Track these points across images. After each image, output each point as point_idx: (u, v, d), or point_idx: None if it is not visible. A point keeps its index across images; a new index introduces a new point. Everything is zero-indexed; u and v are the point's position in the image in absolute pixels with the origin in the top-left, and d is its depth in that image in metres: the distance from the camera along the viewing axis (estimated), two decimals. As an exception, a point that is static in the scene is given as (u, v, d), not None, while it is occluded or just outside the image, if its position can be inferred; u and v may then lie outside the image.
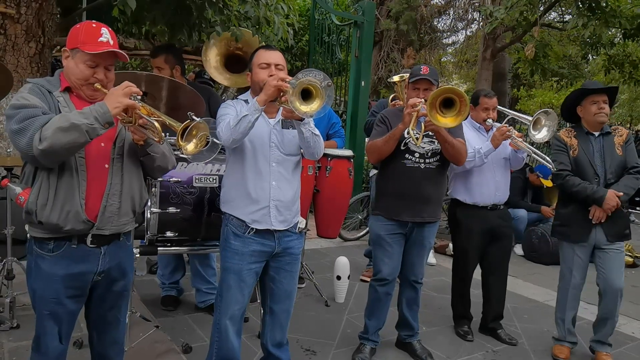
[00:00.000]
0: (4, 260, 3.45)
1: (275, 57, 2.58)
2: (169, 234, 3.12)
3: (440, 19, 14.68)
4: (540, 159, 3.56)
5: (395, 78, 4.73)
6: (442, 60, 18.36)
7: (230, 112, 2.54)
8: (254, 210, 2.56)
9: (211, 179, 3.15)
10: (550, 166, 3.52)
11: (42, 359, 2.14)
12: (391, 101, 4.82)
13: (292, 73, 2.48)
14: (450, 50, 18.18)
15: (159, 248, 3.17)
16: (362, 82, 7.45)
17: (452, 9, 13.86)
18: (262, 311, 2.88)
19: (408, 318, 3.48)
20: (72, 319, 2.16)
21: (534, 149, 3.62)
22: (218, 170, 3.18)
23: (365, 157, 7.42)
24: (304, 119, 2.42)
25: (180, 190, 3.09)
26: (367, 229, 6.60)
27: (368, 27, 7.49)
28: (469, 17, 13.51)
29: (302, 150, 2.66)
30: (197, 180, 3.12)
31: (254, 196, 2.56)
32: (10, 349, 3.15)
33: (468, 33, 14.83)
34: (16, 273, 3.51)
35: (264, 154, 2.56)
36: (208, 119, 1.99)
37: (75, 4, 6.19)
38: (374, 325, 3.40)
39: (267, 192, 2.56)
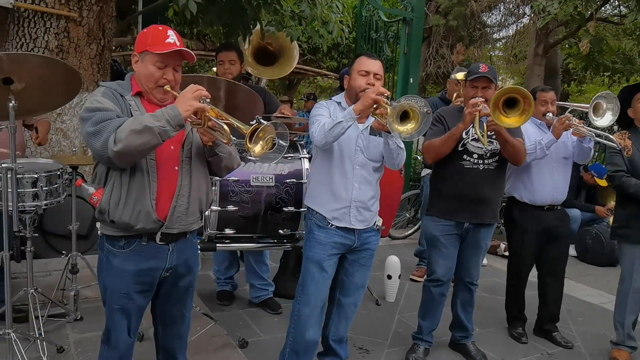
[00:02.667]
0: (69, 255, 3.60)
1: (376, 66, 2.67)
2: (227, 231, 3.20)
3: (490, 14, 14.38)
4: (605, 141, 3.44)
5: (459, 75, 4.65)
6: (490, 55, 17.99)
7: (324, 113, 2.66)
8: (336, 208, 2.68)
9: (267, 178, 3.21)
10: (615, 144, 3.38)
11: (111, 352, 2.23)
12: (454, 100, 4.73)
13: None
14: (499, 45, 17.80)
15: (217, 245, 3.25)
16: (411, 79, 7.38)
17: (502, 3, 13.55)
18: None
19: (462, 319, 3.45)
20: (140, 314, 2.25)
21: (598, 132, 3.50)
22: (274, 169, 3.23)
23: (414, 155, 7.38)
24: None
25: (239, 189, 3.16)
26: (415, 227, 6.56)
27: (417, 24, 7.40)
28: (520, 11, 13.18)
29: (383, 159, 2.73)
30: (254, 180, 3.19)
31: (337, 195, 2.68)
32: (75, 340, 3.29)
33: (518, 27, 14.48)
34: (80, 267, 3.65)
35: (349, 157, 2.67)
36: (275, 123, 2.03)
37: (130, 5, 6.38)
38: (427, 326, 3.39)
39: (349, 193, 2.67)
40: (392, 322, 3.96)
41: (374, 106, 2.45)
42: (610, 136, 3.45)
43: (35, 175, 2.93)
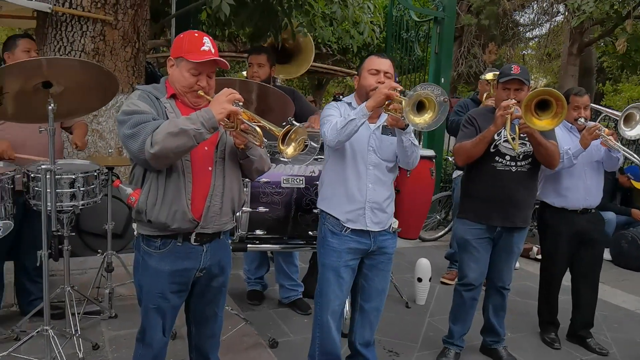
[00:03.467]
0: (105, 253, 3.68)
1: (386, 65, 2.65)
2: (258, 232, 3.23)
3: (522, 13, 14.12)
4: (632, 158, 3.37)
5: (489, 76, 4.60)
6: (523, 54, 17.68)
7: (334, 114, 2.64)
8: (350, 210, 2.64)
9: (298, 180, 3.22)
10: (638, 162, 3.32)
11: (146, 350, 2.28)
12: (485, 100, 4.67)
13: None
14: (531, 44, 17.47)
15: (248, 245, 3.28)
16: (442, 79, 7.32)
17: (535, 2, 13.30)
18: (349, 309, 2.93)
19: (494, 324, 3.40)
20: (175, 313, 2.29)
21: (625, 149, 3.42)
22: (305, 170, 3.25)
23: (444, 156, 7.31)
24: (406, 127, 2.45)
25: (269, 191, 3.18)
26: (446, 229, 6.50)
27: (448, 23, 7.34)
28: (554, 9, 12.91)
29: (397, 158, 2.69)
30: (284, 181, 3.20)
31: (351, 196, 2.64)
32: (110, 338, 3.37)
33: (551, 26, 14.18)
34: (114, 266, 3.73)
35: (362, 157, 2.64)
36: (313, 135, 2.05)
37: (163, 7, 6.49)
38: (458, 330, 3.36)
39: (363, 194, 2.64)
40: (423, 326, 3.93)
41: (387, 102, 2.42)
42: (637, 158, 3.37)
43: (73, 176, 3.01)
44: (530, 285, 4.82)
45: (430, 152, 4.41)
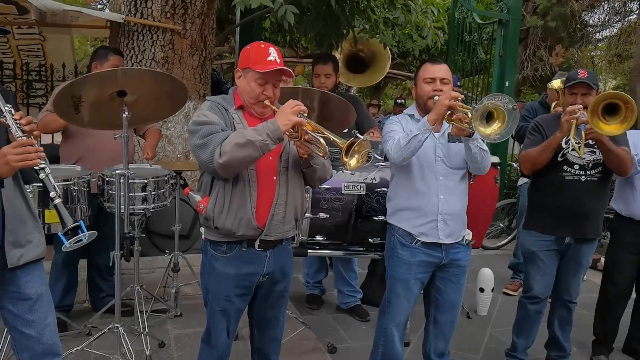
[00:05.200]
0: (172, 254, 3.83)
1: (442, 71, 2.60)
2: (318, 237, 3.26)
3: (592, 13, 13.51)
4: None
5: (556, 84, 4.45)
6: (592, 55, 16.92)
7: (397, 129, 2.61)
8: (422, 223, 2.60)
9: (359, 187, 3.23)
10: None
11: (211, 352, 2.37)
12: (553, 108, 4.52)
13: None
14: (601, 45, 16.69)
15: (308, 251, 3.32)
16: (507, 82, 7.14)
17: (606, 1, 12.69)
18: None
19: (559, 338, 3.29)
20: (239, 316, 2.37)
21: None
22: (365, 178, 3.25)
23: (509, 162, 7.12)
24: (472, 135, 2.41)
25: (330, 197, 3.21)
26: (509, 237, 6.33)
27: (513, 25, 7.15)
28: (626, 9, 12.28)
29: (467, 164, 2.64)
30: (345, 188, 3.22)
31: (422, 210, 2.60)
32: (175, 336, 3.49)
33: (623, 25, 13.49)
34: (180, 266, 3.87)
35: (430, 168, 2.59)
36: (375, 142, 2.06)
37: (228, 15, 6.67)
38: (522, 344, 3.27)
39: (434, 206, 2.59)
40: (484, 337, 3.85)
41: (449, 112, 2.38)
42: None
43: (145, 181, 3.16)
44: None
45: (494, 159, 4.30)
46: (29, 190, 2.20)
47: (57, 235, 3.32)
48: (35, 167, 1.80)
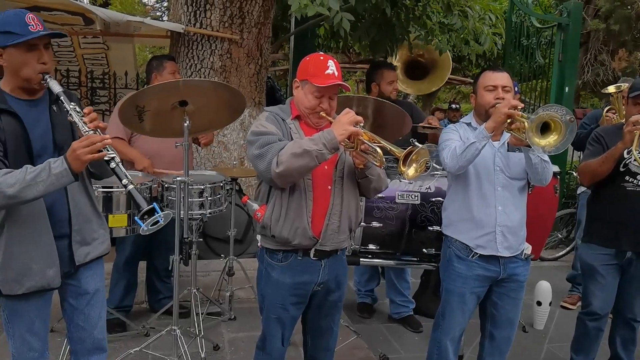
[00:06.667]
0: (227, 258, 3.91)
1: (503, 79, 2.55)
2: (371, 246, 3.26)
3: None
4: None
5: (611, 89, 4.29)
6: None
7: (454, 137, 2.58)
8: (479, 235, 2.56)
9: (413, 196, 3.21)
10: None
11: (266, 358, 2.40)
12: (606, 113, 4.37)
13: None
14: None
15: (360, 259, 3.32)
16: (566, 88, 6.93)
17: (677, 0, 12.05)
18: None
19: (622, 358, 3.14)
20: (293, 324, 2.39)
21: None
22: (420, 187, 3.22)
23: (568, 170, 6.89)
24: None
25: (384, 206, 3.20)
26: (568, 249, 6.11)
27: (574, 29, 6.94)
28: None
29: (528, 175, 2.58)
30: (399, 197, 3.20)
31: (479, 221, 2.55)
32: (229, 339, 3.56)
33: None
34: (235, 270, 3.94)
35: (488, 178, 2.55)
36: (430, 145, 2.04)
37: (282, 22, 6.75)
38: (581, 361, 3.14)
39: (492, 217, 2.54)
40: (541, 352, 3.73)
41: (508, 121, 2.32)
42: None
43: (202, 187, 3.24)
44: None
45: (554, 168, 4.18)
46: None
47: (118, 239, 3.50)
48: (105, 158, 1.85)
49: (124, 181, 1.85)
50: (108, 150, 1.86)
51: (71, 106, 1.91)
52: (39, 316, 2.09)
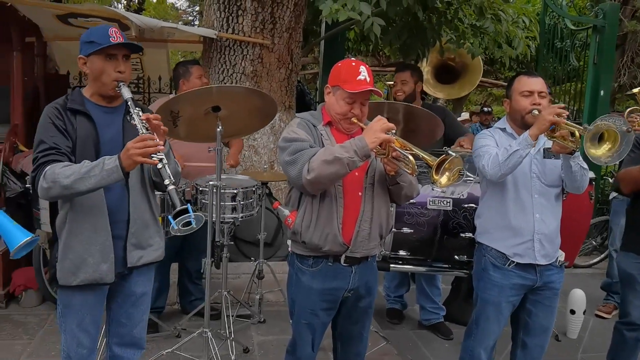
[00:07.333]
0: (257, 261, 3.94)
1: (539, 84, 2.52)
2: (401, 252, 3.24)
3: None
4: None
5: (635, 90, 4.19)
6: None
7: (490, 143, 2.55)
8: (517, 243, 2.53)
9: (445, 202, 3.18)
10: None
11: (296, 364, 2.41)
12: (628, 114, 4.25)
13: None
14: None
15: (391, 265, 3.31)
16: (601, 91, 6.78)
17: None
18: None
19: (661, 369, 3.06)
20: (323, 330, 2.40)
21: None
22: (452, 192, 3.20)
23: (603, 176, 6.74)
24: (574, 152, 2.32)
25: (415, 211, 3.18)
26: (602, 256, 5.98)
27: (610, 31, 6.79)
28: None
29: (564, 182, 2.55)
30: (431, 203, 3.18)
31: (517, 229, 2.52)
32: (259, 342, 3.59)
33: None
34: (264, 273, 3.97)
35: (525, 185, 2.52)
36: (463, 154, 2.03)
37: (312, 26, 6.78)
38: (618, 373, 3.07)
39: (530, 225, 2.51)
40: (574, 362, 3.66)
41: (553, 128, 2.29)
42: None
43: (235, 191, 3.28)
44: None
45: (590, 174, 4.09)
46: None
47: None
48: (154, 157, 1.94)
49: (166, 181, 1.93)
50: (158, 155, 1.94)
51: (135, 110, 2.03)
52: (90, 313, 2.17)
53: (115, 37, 2.05)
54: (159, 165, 1.93)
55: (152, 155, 1.92)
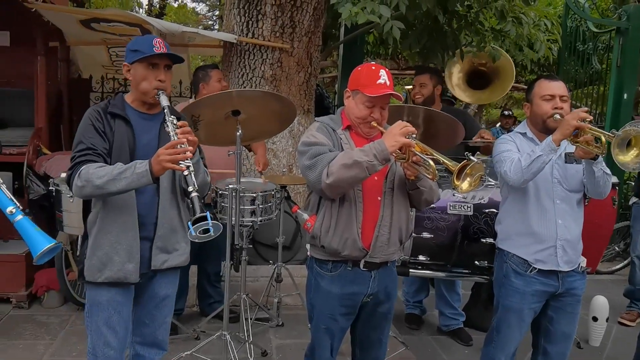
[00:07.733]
0: (275, 264, 3.95)
1: (560, 88, 2.49)
2: (421, 257, 3.22)
3: None
4: None
5: None
6: None
7: (512, 148, 2.52)
8: (539, 249, 2.49)
9: (466, 207, 3.15)
10: None
11: (311, 369, 2.41)
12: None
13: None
14: None
15: (410, 270, 3.29)
16: (625, 95, 6.68)
17: None
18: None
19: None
20: (342, 335, 2.39)
21: None
22: (473, 197, 3.16)
23: (626, 180, 6.62)
24: (596, 157, 2.29)
25: (435, 216, 3.16)
26: (625, 262, 5.87)
27: (634, 34, 6.69)
28: None
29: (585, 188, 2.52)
30: (451, 207, 3.16)
31: (539, 235, 2.49)
32: (277, 346, 3.59)
33: None
34: (283, 276, 3.98)
35: (546, 191, 2.48)
36: (485, 160, 2.00)
37: (331, 29, 6.79)
38: (643, 382, 3.01)
39: (553, 231, 2.47)
40: (597, 370, 3.60)
41: (576, 133, 2.25)
42: None
43: (254, 194, 3.30)
44: None
45: (613, 179, 4.02)
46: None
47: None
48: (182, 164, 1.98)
49: (190, 188, 1.97)
50: (186, 162, 1.99)
51: (170, 118, 2.08)
52: (117, 311, 2.20)
53: (159, 47, 2.13)
54: (185, 172, 1.97)
55: (180, 162, 1.96)
